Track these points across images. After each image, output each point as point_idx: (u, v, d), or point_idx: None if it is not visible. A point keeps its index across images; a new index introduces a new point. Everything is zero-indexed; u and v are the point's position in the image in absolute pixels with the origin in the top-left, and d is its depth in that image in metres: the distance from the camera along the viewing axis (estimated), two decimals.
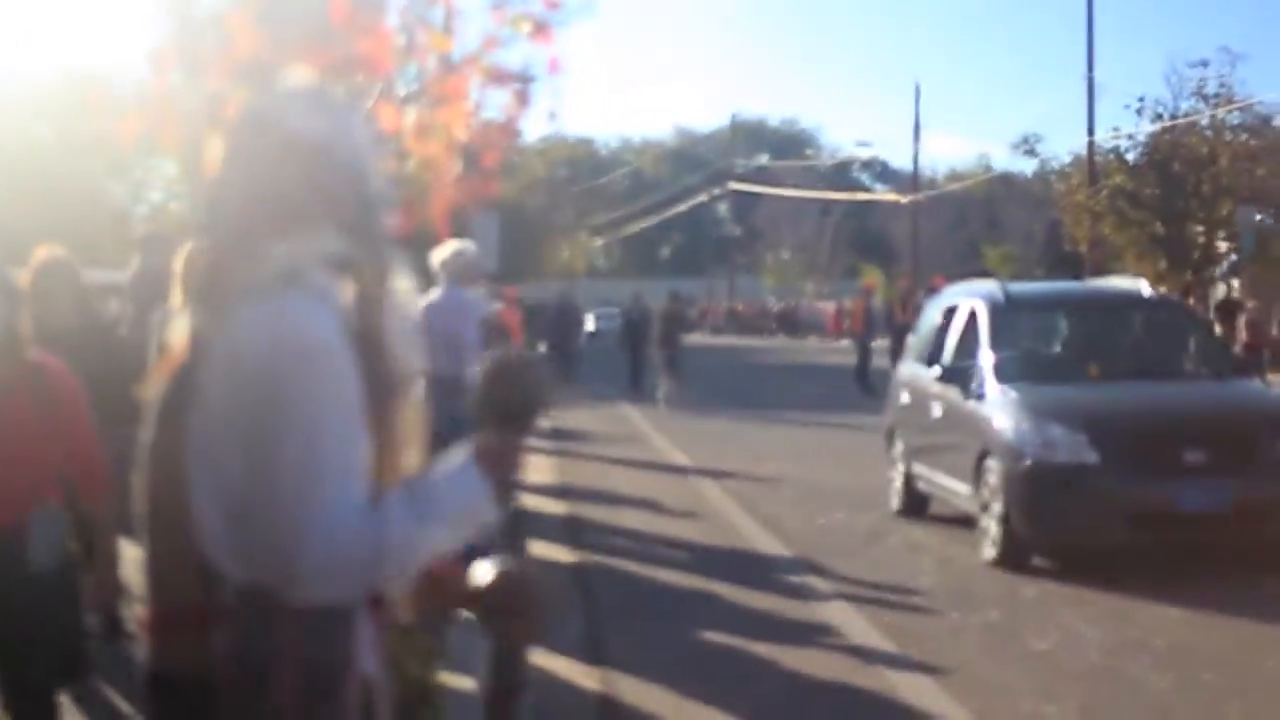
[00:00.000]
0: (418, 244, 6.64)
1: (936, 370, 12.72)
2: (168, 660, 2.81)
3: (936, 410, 12.75)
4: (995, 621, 9.22)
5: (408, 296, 2.91)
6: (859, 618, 9.35)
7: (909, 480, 13.47)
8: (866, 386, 31.78)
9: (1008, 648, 8.57)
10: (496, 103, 5.57)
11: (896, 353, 33.38)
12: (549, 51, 5.40)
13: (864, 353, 32.91)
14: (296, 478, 2.59)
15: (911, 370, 14.18)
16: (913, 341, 14.77)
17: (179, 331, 2.85)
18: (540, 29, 5.33)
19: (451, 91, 5.43)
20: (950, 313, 13.45)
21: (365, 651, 2.79)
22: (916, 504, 13.47)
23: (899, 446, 13.86)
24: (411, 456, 2.88)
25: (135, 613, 2.90)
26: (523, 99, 5.47)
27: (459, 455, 2.79)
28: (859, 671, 8.10)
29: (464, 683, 7.29)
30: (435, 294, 10.69)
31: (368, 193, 2.83)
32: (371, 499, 2.68)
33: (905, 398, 13.98)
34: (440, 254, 10.78)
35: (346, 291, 2.82)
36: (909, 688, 7.75)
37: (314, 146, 2.77)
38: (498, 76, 5.46)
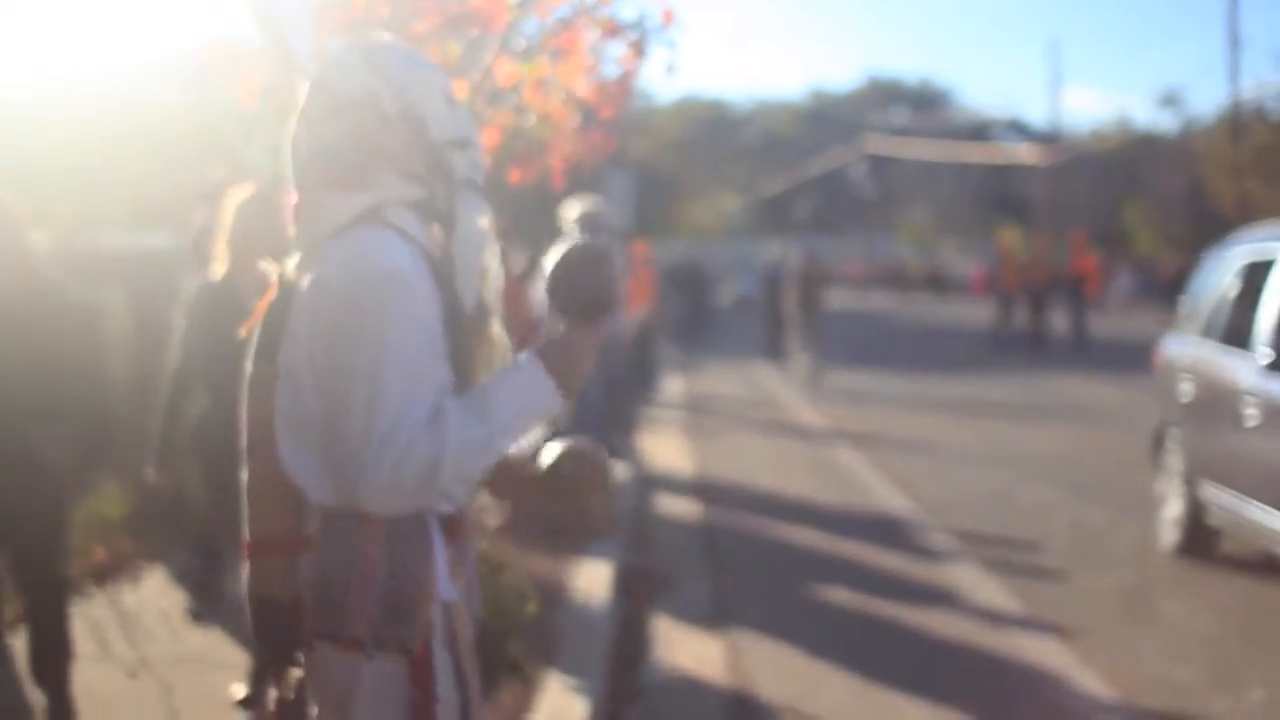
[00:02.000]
0: (539, 198, 6.66)
1: (1261, 355, 8.48)
2: (262, 584, 2.96)
3: (1252, 412, 8.43)
4: (1128, 584, 9.10)
5: (483, 235, 3.02)
6: (988, 579, 9.29)
7: (1195, 508, 9.51)
8: (1000, 343, 31.44)
9: (1139, 611, 8.46)
10: (613, 56, 5.57)
11: (1033, 312, 33.00)
12: (664, 3, 5.38)
13: (1006, 311, 32.46)
14: (365, 394, 2.71)
15: (1197, 351, 9.91)
16: (1186, 310, 10.57)
17: (273, 275, 3.02)
18: None
19: (568, 45, 5.46)
20: (1257, 271, 9.20)
21: (443, 577, 2.91)
22: (1203, 540, 9.60)
23: (1178, 459, 9.86)
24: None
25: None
26: (638, 51, 5.45)
27: (521, 355, 2.90)
28: (986, 632, 8.05)
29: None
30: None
31: (428, 140, 2.96)
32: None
33: (1188, 390, 9.77)
34: (570, 209, 10.83)
35: (434, 233, 2.97)
36: (1036, 649, 7.68)
37: (358, 103, 2.93)
38: (613, 29, 5.46)
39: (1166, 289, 41.21)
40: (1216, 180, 46.79)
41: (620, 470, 12.51)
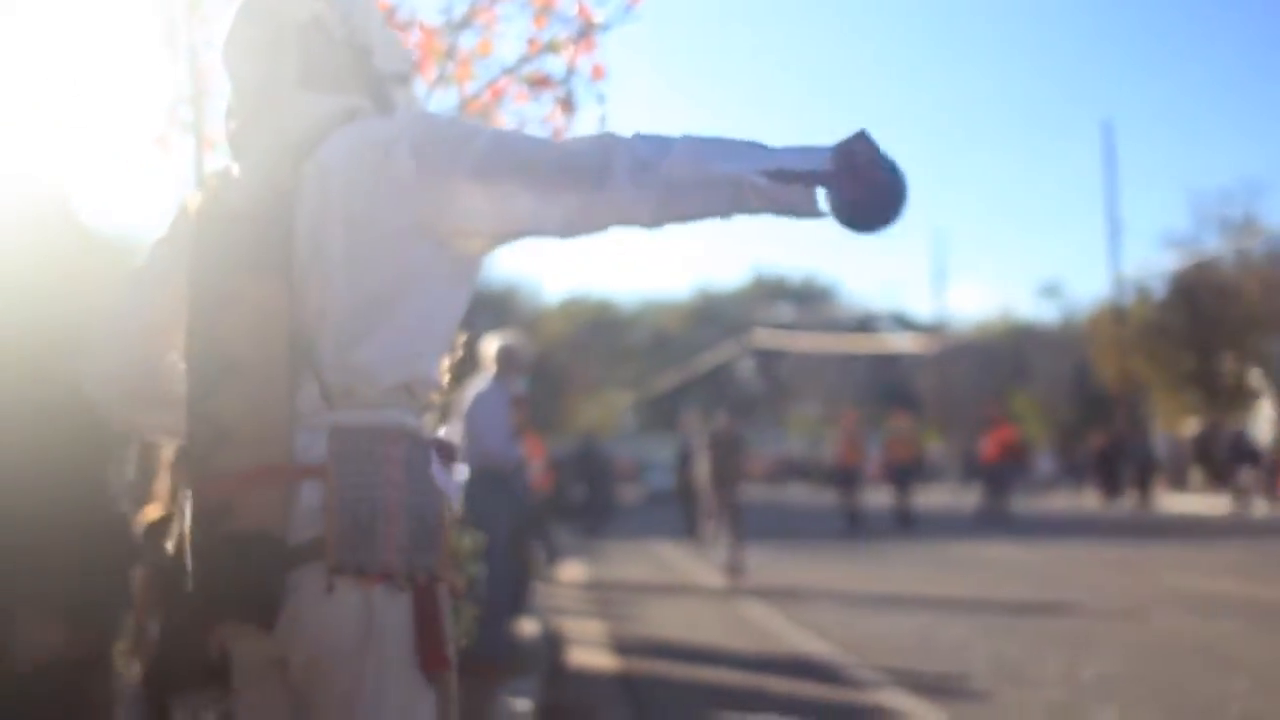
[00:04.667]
0: None
1: None
2: (254, 520, 2.57)
3: None
4: (1057, 699, 8.94)
5: None
6: (917, 702, 9.08)
7: None
8: (853, 521, 30.84)
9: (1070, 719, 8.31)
10: (539, 115, 5.47)
11: (899, 489, 32.31)
12: (592, 60, 5.31)
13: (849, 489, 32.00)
14: (545, 153, 2.68)
15: None
16: None
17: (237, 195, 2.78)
18: (582, 37, 5.25)
19: (492, 100, 5.37)
20: None
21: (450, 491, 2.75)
22: None
23: None
24: None
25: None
26: (567, 106, 5.37)
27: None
28: None
29: None
30: (483, 384, 10.61)
31: (372, 70, 2.85)
32: None
33: None
34: (489, 345, 10.80)
35: None
36: None
37: (305, 25, 2.80)
38: (541, 81, 5.38)
39: (1098, 463, 41.46)
40: (1101, 362, 47.82)
41: (529, 624, 12.23)
